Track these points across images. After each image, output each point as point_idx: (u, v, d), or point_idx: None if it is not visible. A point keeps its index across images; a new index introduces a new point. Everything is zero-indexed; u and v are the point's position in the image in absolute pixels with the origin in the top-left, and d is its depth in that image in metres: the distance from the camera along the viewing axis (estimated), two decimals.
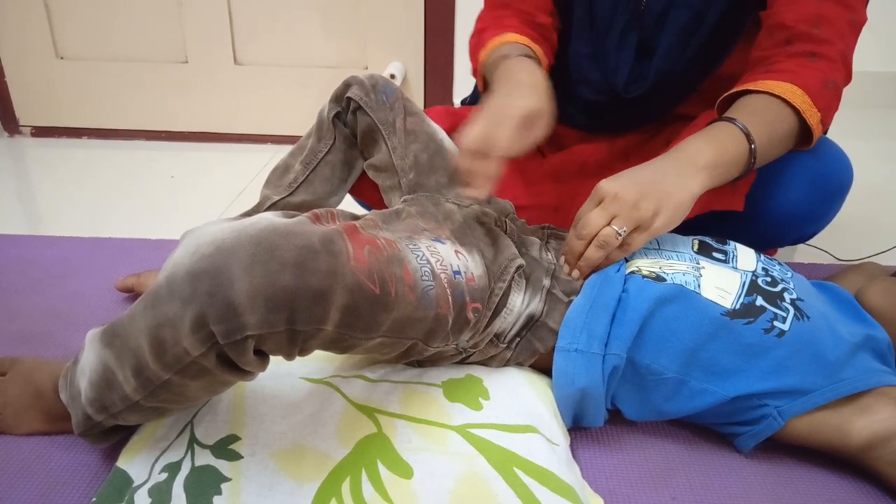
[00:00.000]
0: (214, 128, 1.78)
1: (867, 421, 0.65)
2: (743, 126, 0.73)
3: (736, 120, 0.74)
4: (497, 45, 0.88)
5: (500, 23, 0.92)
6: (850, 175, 0.86)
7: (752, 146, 0.73)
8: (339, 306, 0.52)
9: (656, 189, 0.69)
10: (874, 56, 1.90)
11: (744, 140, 0.73)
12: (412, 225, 0.69)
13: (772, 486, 0.67)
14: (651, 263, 0.73)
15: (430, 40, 1.69)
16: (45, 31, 1.68)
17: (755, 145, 0.73)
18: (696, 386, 0.68)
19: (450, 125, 0.97)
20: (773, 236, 0.89)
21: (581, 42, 0.93)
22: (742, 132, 0.73)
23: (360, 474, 0.61)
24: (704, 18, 0.85)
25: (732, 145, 0.72)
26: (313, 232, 0.53)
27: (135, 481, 0.61)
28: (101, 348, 0.58)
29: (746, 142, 0.72)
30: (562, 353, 0.69)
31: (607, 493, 0.66)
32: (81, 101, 1.76)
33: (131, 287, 0.96)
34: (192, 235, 0.53)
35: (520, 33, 0.90)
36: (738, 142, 0.72)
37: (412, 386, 0.70)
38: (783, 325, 0.68)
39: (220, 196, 1.42)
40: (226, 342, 0.50)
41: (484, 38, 0.91)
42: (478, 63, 0.92)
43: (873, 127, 1.83)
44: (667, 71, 0.88)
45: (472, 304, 0.64)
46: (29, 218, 1.33)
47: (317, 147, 0.89)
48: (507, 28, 0.90)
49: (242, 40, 1.70)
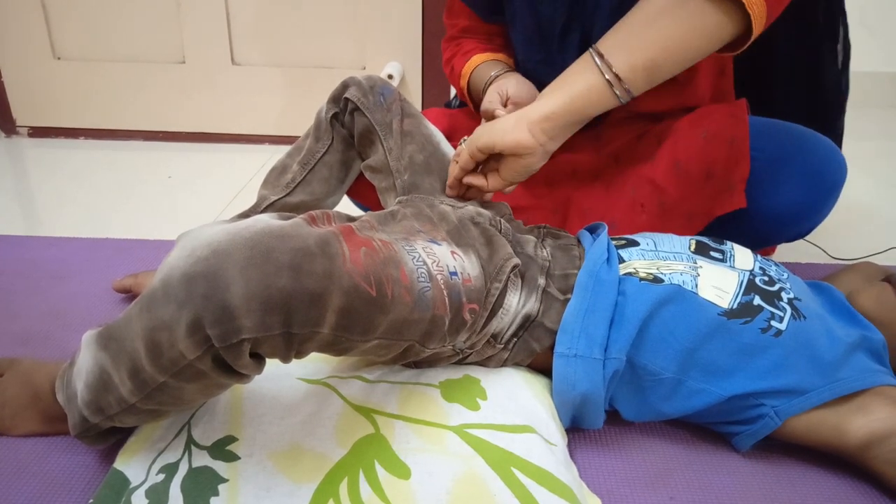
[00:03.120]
0: (212, 128, 1.78)
1: (864, 420, 0.65)
2: (597, 52, 0.72)
3: (594, 48, 0.73)
4: (471, 69, 0.99)
5: (461, 48, 1.02)
6: (843, 172, 0.86)
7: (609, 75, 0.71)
8: (335, 309, 0.52)
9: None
10: (873, 56, 1.91)
11: (594, 72, 0.72)
12: (408, 226, 0.69)
13: (769, 485, 0.67)
14: (648, 265, 0.73)
15: (427, 41, 1.69)
16: (42, 31, 1.68)
17: (615, 68, 0.71)
18: (693, 386, 0.68)
19: (448, 126, 0.97)
20: (767, 234, 0.89)
21: (532, 49, 0.95)
22: (593, 63, 0.72)
23: (358, 475, 0.61)
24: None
25: (579, 84, 0.73)
26: (309, 234, 0.53)
27: (132, 482, 0.61)
28: (98, 350, 0.58)
29: (598, 73, 0.72)
30: (561, 358, 0.68)
31: (605, 493, 0.66)
32: (79, 101, 1.76)
33: (129, 287, 0.96)
34: (187, 238, 0.53)
35: (482, 52, 1.00)
36: (588, 76, 0.72)
37: (410, 386, 0.70)
38: (780, 324, 0.68)
39: (217, 196, 1.42)
40: (221, 345, 0.50)
41: (456, 67, 1.02)
42: (460, 89, 1.03)
43: (871, 126, 1.84)
44: None
45: (469, 305, 0.64)
46: (26, 218, 1.33)
47: (314, 147, 0.89)
48: (470, 52, 1.01)
49: (240, 41, 1.70)
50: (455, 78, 1.03)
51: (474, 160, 0.78)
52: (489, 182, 0.79)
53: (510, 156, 0.76)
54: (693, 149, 0.85)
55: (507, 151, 0.75)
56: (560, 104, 0.73)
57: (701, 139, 0.85)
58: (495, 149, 0.75)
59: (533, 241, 0.77)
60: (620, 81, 0.72)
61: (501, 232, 0.75)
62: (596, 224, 0.82)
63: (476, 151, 0.77)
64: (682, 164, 0.86)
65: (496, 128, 0.75)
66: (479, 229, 0.73)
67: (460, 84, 1.01)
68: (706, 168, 0.85)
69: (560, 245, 0.78)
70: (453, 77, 1.04)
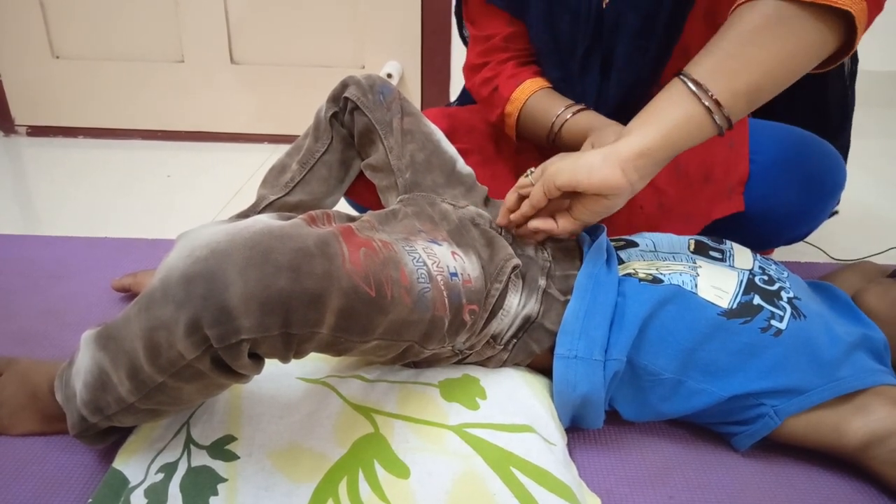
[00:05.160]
0: (211, 127, 1.78)
1: (864, 420, 0.65)
2: (691, 79, 0.64)
3: (685, 74, 0.64)
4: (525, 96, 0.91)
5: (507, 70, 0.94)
6: (843, 175, 0.86)
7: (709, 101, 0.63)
8: (334, 309, 0.52)
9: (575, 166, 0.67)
10: (873, 56, 1.90)
11: (691, 100, 0.64)
12: (409, 226, 0.69)
13: (769, 485, 0.67)
14: (647, 266, 0.73)
15: (426, 40, 1.69)
16: (41, 30, 1.68)
17: (715, 94, 0.63)
18: (693, 386, 0.68)
19: (448, 126, 0.97)
20: (766, 237, 0.89)
21: (550, 67, 0.93)
22: (688, 90, 0.64)
23: (357, 474, 0.60)
24: (655, 20, 0.81)
25: (674, 114, 0.64)
26: (308, 235, 0.53)
27: (131, 482, 0.61)
28: (96, 350, 0.57)
29: (696, 100, 0.63)
30: (562, 360, 0.68)
31: (604, 492, 0.66)
32: (77, 100, 1.75)
33: (128, 287, 0.96)
34: (186, 238, 0.53)
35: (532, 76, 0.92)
36: (684, 105, 0.64)
37: (409, 386, 0.70)
38: (780, 324, 0.68)
39: (216, 195, 1.42)
40: (220, 346, 0.50)
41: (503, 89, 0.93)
42: (503, 114, 0.94)
43: (871, 126, 1.83)
44: (630, 82, 0.86)
45: (469, 306, 0.64)
46: (25, 218, 1.33)
47: (314, 147, 0.89)
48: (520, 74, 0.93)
49: (239, 39, 1.70)
50: (498, 100, 0.94)
51: (548, 199, 0.69)
52: (559, 224, 0.71)
53: (591, 195, 0.67)
54: (693, 151, 0.85)
55: (592, 192, 0.66)
56: (655, 138, 0.64)
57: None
58: (578, 188, 0.66)
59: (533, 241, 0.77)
60: (721, 108, 0.64)
61: (501, 233, 0.75)
62: (594, 225, 0.82)
63: (554, 189, 0.67)
64: (681, 165, 0.86)
65: (580, 164, 0.66)
66: (479, 230, 0.73)
67: (506, 109, 0.93)
68: (705, 170, 0.85)
69: (560, 246, 0.78)
70: (495, 99, 0.95)
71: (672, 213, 0.87)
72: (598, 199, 0.67)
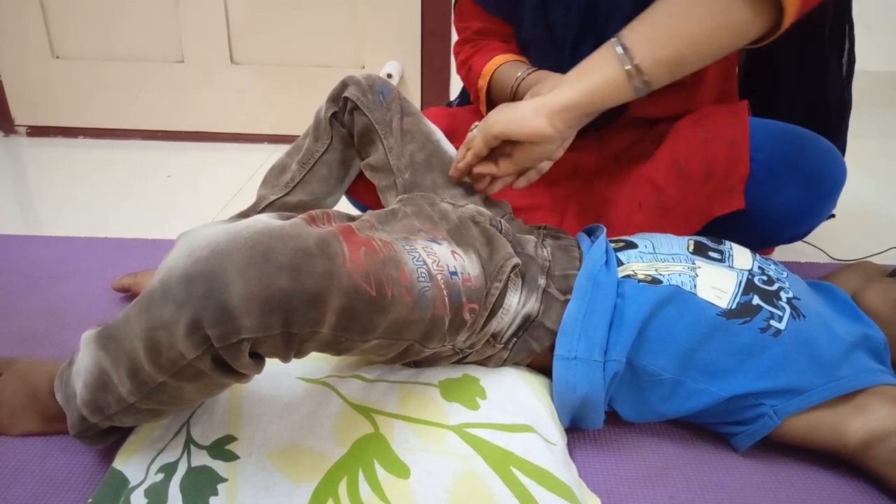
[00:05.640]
0: (211, 127, 1.78)
1: (863, 420, 0.65)
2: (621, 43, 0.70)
3: (619, 37, 0.71)
4: (492, 69, 0.97)
5: (481, 49, 1.00)
6: (842, 173, 0.85)
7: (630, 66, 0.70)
8: (335, 309, 0.52)
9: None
10: (873, 56, 1.91)
11: (616, 62, 0.70)
12: (408, 225, 0.69)
13: (769, 484, 0.67)
14: (647, 267, 0.73)
15: (426, 40, 1.69)
16: (41, 30, 1.68)
17: (637, 60, 0.69)
18: (692, 386, 0.68)
19: (448, 125, 0.97)
20: (765, 236, 0.89)
21: (542, 56, 0.95)
22: (615, 53, 0.70)
23: (357, 474, 0.60)
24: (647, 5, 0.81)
25: (600, 73, 0.71)
26: (309, 234, 0.53)
27: (131, 482, 0.61)
28: (97, 350, 0.57)
29: (619, 64, 0.70)
30: (561, 361, 0.68)
31: (604, 492, 0.66)
32: (78, 100, 1.75)
33: (128, 287, 0.96)
34: (186, 238, 0.53)
35: (503, 53, 0.98)
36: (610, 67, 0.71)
37: (409, 386, 0.70)
38: (779, 324, 0.68)
39: (216, 195, 1.42)
40: (221, 345, 0.50)
41: (475, 66, 0.99)
42: (477, 89, 0.99)
43: (871, 126, 1.83)
44: None
45: (469, 305, 0.64)
46: (25, 218, 1.33)
47: (314, 147, 0.89)
48: (491, 52, 0.98)
49: (239, 39, 1.70)
50: (473, 78, 1.00)
51: (488, 147, 0.77)
52: (500, 166, 0.78)
53: (526, 143, 0.75)
54: (693, 149, 0.85)
55: (524, 140, 0.74)
56: (580, 94, 0.72)
57: (701, 139, 0.85)
58: (512, 137, 0.75)
59: (533, 240, 0.77)
60: (641, 73, 0.70)
61: (502, 231, 0.75)
62: (594, 226, 0.82)
63: (492, 138, 0.76)
64: (681, 163, 0.86)
65: (513, 115, 0.74)
66: (479, 228, 0.73)
67: (478, 84, 0.99)
68: (706, 168, 0.85)
69: (560, 245, 0.78)
70: (471, 77, 1.01)
71: (671, 211, 0.87)
72: (532, 146, 0.75)
